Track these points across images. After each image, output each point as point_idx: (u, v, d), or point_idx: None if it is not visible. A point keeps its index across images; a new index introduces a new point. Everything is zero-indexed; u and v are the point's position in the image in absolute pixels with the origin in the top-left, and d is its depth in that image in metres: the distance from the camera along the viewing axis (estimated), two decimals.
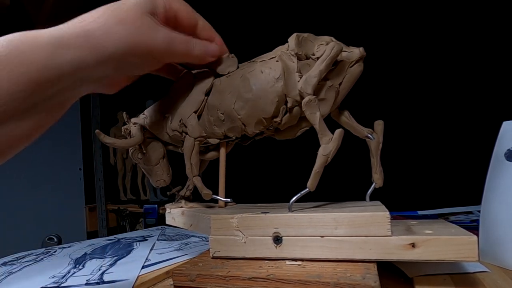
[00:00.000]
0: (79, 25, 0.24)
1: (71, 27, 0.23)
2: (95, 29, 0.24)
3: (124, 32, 0.25)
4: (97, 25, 0.24)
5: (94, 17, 0.24)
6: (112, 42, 0.24)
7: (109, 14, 0.24)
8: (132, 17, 0.25)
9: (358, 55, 0.29)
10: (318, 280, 0.22)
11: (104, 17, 0.24)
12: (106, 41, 0.24)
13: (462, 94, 0.75)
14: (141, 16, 0.26)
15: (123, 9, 0.25)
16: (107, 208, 1.56)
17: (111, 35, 0.24)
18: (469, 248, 0.23)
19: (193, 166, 0.36)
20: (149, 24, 0.26)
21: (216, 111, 0.33)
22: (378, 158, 0.31)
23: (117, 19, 0.24)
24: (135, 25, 0.25)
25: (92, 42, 0.23)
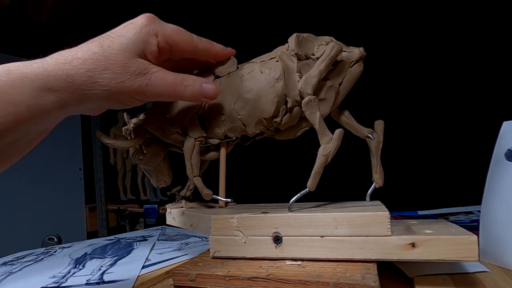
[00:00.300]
0: (64, 68, 0.23)
1: (57, 69, 0.23)
2: (80, 74, 0.23)
3: (110, 79, 0.24)
4: (83, 71, 0.23)
5: (81, 61, 0.23)
6: (97, 89, 0.24)
7: (97, 59, 0.24)
8: (120, 64, 0.24)
9: (358, 55, 0.29)
10: (318, 280, 0.22)
11: (90, 62, 0.23)
12: (91, 87, 0.24)
13: (462, 94, 0.75)
14: (130, 61, 0.24)
15: (112, 54, 0.24)
16: (107, 208, 1.56)
17: (96, 83, 0.24)
18: (469, 248, 0.23)
19: (194, 166, 0.36)
20: (137, 69, 0.25)
21: (216, 112, 0.33)
22: (378, 158, 0.31)
23: (104, 66, 0.24)
24: (123, 71, 0.24)
25: (76, 87, 0.23)
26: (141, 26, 0.26)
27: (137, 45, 0.25)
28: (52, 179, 1.46)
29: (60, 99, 0.23)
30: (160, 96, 0.27)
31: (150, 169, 0.39)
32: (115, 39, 0.25)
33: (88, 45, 0.24)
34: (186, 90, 0.27)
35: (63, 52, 0.24)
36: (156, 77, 0.25)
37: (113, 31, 0.26)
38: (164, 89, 0.26)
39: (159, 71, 0.26)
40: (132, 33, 0.25)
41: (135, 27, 0.26)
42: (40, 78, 0.22)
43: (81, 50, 0.24)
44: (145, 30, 0.26)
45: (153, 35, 0.26)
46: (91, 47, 0.24)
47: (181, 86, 0.27)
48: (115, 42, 0.25)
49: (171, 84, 0.26)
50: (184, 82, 0.27)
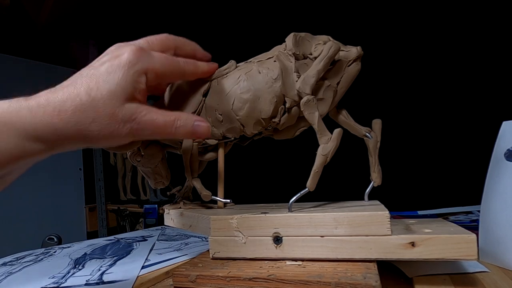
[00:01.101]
0: (52, 121, 0.22)
1: (45, 121, 0.22)
2: (69, 128, 0.22)
3: (98, 130, 0.23)
4: (71, 124, 0.22)
5: (69, 113, 0.22)
6: (85, 138, 0.23)
7: (85, 110, 0.22)
8: (108, 114, 0.23)
9: (356, 54, 0.29)
10: (319, 280, 0.22)
11: (78, 115, 0.22)
12: (79, 137, 0.23)
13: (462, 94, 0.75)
14: (118, 108, 0.23)
15: (99, 104, 0.23)
16: (107, 208, 1.56)
17: (85, 133, 0.23)
18: (468, 247, 0.23)
19: (192, 167, 0.36)
20: (126, 116, 0.24)
21: (214, 112, 0.33)
22: (376, 157, 0.31)
23: (92, 118, 0.23)
24: (111, 121, 0.23)
25: (64, 138, 0.23)
26: (129, 65, 0.24)
27: (125, 88, 0.24)
28: (52, 179, 1.46)
29: (46, 146, 0.23)
30: (151, 137, 0.26)
31: (148, 170, 0.39)
32: (102, 87, 0.23)
33: (75, 91, 0.23)
34: (177, 131, 0.26)
35: (52, 96, 0.23)
36: (146, 121, 0.24)
37: (101, 71, 0.24)
38: (154, 131, 0.25)
39: (148, 114, 0.24)
40: (120, 76, 0.24)
41: (123, 67, 0.24)
42: (27, 128, 0.22)
43: (70, 98, 0.23)
44: (134, 70, 0.24)
45: (142, 74, 0.25)
46: (79, 96, 0.23)
47: (172, 128, 0.25)
48: (103, 89, 0.23)
49: (161, 126, 0.25)
50: (175, 124, 0.26)
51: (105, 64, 0.24)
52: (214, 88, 0.33)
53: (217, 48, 0.32)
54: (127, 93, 0.24)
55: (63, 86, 0.24)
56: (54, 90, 0.23)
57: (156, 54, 0.26)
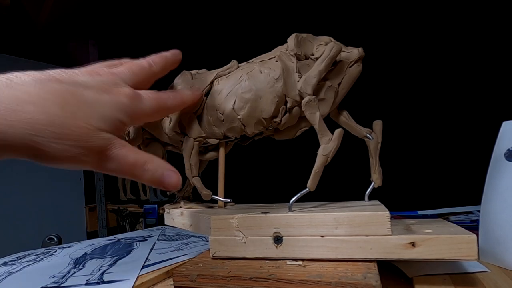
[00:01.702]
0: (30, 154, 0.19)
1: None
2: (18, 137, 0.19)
3: (56, 150, 0.20)
4: (24, 133, 0.19)
5: (26, 119, 0.19)
6: (32, 154, 0.20)
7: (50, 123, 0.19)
8: (78, 136, 0.20)
9: (357, 55, 0.29)
10: (320, 280, 0.23)
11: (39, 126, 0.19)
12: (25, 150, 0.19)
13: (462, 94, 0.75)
14: (91, 136, 0.21)
15: (72, 122, 0.20)
16: (107, 208, 1.56)
17: (35, 149, 0.19)
18: (469, 247, 0.23)
19: (193, 167, 0.36)
20: (97, 146, 0.21)
21: (215, 112, 0.33)
22: (377, 158, 0.31)
23: (56, 135, 0.19)
24: (79, 145, 0.20)
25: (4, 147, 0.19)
26: (119, 108, 0.23)
27: (106, 123, 0.22)
28: (52, 179, 1.46)
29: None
30: (115, 172, 0.24)
31: None
32: (81, 108, 0.21)
33: (44, 95, 0.19)
34: (144, 174, 0.24)
35: (4, 93, 0.19)
36: (117, 155, 0.22)
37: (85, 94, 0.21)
38: (122, 168, 0.23)
39: (121, 149, 0.23)
40: (105, 112, 0.22)
41: (112, 107, 0.22)
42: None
43: (32, 103, 0.19)
44: (122, 112, 0.23)
45: (128, 117, 0.23)
46: (48, 104, 0.19)
47: (140, 169, 0.23)
48: (81, 112, 0.21)
49: (130, 164, 0.23)
50: (144, 166, 0.23)
51: (91, 90, 0.22)
52: (215, 87, 0.33)
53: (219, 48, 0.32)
54: (107, 126, 0.22)
55: (25, 82, 0.20)
56: (11, 84, 0.19)
57: (147, 100, 0.25)
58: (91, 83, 0.22)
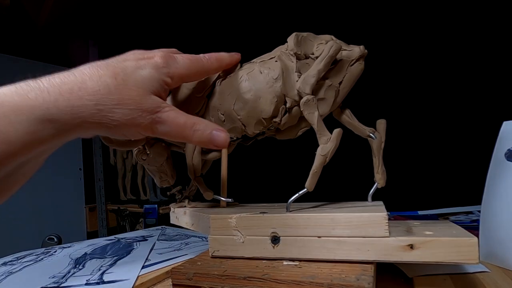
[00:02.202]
0: (70, 99, 0.21)
1: (61, 99, 0.21)
2: (89, 107, 0.21)
3: (121, 115, 0.23)
4: (93, 103, 0.22)
5: (91, 91, 0.22)
6: (104, 122, 0.22)
7: (109, 92, 0.22)
8: (134, 100, 0.23)
9: (358, 54, 0.29)
10: (312, 281, 0.22)
11: (102, 95, 0.22)
12: (98, 120, 0.22)
13: (462, 94, 0.75)
14: (144, 98, 0.24)
15: (126, 89, 0.23)
16: (107, 208, 1.56)
17: (105, 116, 0.22)
18: (470, 250, 0.22)
19: (195, 167, 0.36)
20: (150, 107, 0.24)
21: (216, 112, 0.33)
22: (380, 158, 0.31)
23: (117, 100, 0.22)
24: (136, 107, 0.23)
25: (81, 120, 0.22)
26: (157, 67, 0.25)
27: (151, 84, 0.24)
28: (52, 179, 1.46)
29: (60, 130, 0.21)
30: (168, 135, 0.26)
31: (154, 169, 0.39)
32: (129, 75, 0.24)
33: (98, 72, 0.23)
34: (194, 134, 0.26)
35: (67, 77, 0.22)
36: (168, 117, 0.25)
37: (127, 64, 0.24)
38: (173, 129, 0.25)
39: (171, 111, 0.25)
40: (147, 73, 0.24)
41: (151, 67, 0.25)
42: (38, 109, 0.20)
43: (91, 79, 0.22)
44: (160, 72, 0.25)
45: (168, 77, 0.26)
46: (103, 77, 0.23)
47: (190, 130, 0.26)
48: (130, 78, 0.24)
49: (181, 125, 0.25)
50: (194, 126, 0.26)
51: (130, 61, 0.25)
52: (217, 88, 0.33)
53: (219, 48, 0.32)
54: (154, 88, 0.25)
55: (80, 69, 0.23)
56: (69, 73, 0.23)
57: (181, 59, 0.27)
58: (128, 57, 0.25)
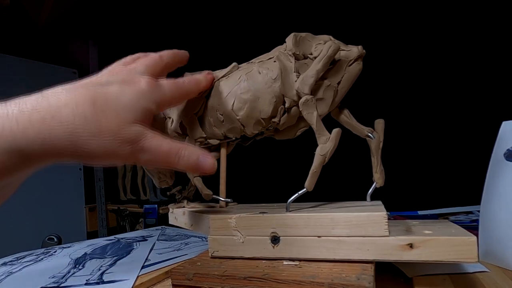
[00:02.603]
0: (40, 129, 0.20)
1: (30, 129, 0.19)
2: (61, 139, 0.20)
3: (97, 146, 0.21)
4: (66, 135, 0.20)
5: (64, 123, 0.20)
6: (79, 153, 0.21)
7: (84, 123, 0.21)
8: (112, 131, 0.21)
9: (357, 54, 0.29)
10: (312, 280, 0.22)
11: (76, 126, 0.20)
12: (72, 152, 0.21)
13: (462, 94, 0.75)
14: (123, 128, 0.22)
15: (103, 119, 0.21)
16: (107, 208, 1.56)
17: (79, 148, 0.21)
18: (469, 249, 0.22)
19: None
20: (130, 137, 0.22)
21: (215, 112, 0.33)
22: (378, 158, 0.31)
23: (92, 132, 0.21)
24: (114, 138, 0.22)
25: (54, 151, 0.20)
26: (142, 94, 0.24)
27: (133, 113, 0.23)
28: (52, 179, 1.46)
29: (30, 160, 0.20)
30: (152, 163, 0.25)
31: (152, 170, 0.39)
32: (110, 102, 0.22)
33: (75, 98, 0.21)
34: (180, 161, 0.25)
35: (40, 103, 0.20)
36: (150, 145, 0.23)
37: (109, 90, 0.22)
38: (157, 157, 0.24)
39: (153, 138, 0.23)
40: (130, 100, 0.23)
41: (135, 94, 0.23)
42: (4, 139, 0.19)
43: (66, 106, 0.20)
44: (145, 99, 0.24)
45: (153, 103, 0.24)
46: (80, 105, 0.21)
47: (175, 157, 0.24)
48: (110, 106, 0.22)
49: (165, 153, 0.24)
50: (179, 153, 0.24)
51: (113, 85, 0.23)
52: (215, 88, 0.33)
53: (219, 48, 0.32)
54: (136, 116, 0.23)
55: (57, 93, 0.21)
56: (44, 97, 0.21)
57: (166, 85, 0.26)
58: (111, 80, 0.24)
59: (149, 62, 0.27)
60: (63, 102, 0.21)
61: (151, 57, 0.28)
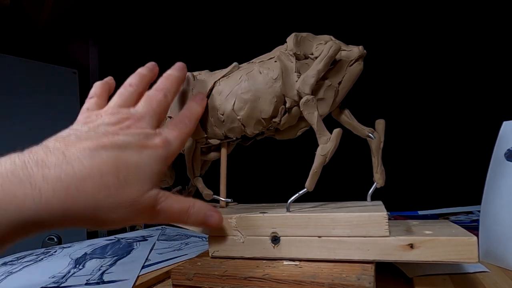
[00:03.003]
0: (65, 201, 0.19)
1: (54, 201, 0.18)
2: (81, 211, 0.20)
3: (116, 216, 0.21)
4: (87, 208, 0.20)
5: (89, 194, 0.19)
6: (92, 223, 0.21)
7: (108, 195, 0.20)
8: (131, 201, 0.21)
9: (358, 54, 0.29)
10: (313, 281, 0.22)
11: (100, 199, 0.20)
12: (86, 221, 0.20)
13: (462, 94, 0.75)
14: (142, 196, 0.22)
15: (126, 189, 0.21)
16: None
17: (99, 218, 0.21)
18: (469, 249, 0.22)
19: (194, 167, 0.36)
20: (148, 204, 0.23)
21: (216, 112, 0.33)
22: (379, 158, 0.31)
23: (113, 204, 0.20)
24: (133, 208, 0.22)
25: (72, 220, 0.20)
26: (159, 159, 0.24)
27: (152, 179, 0.23)
28: None
29: (45, 227, 0.19)
30: (164, 222, 0.26)
31: None
32: (131, 171, 0.21)
33: (99, 167, 0.20)
34: (189, 218, 0.26)
35: (64, 170, 0.19)
36: (163, 208, 0.24)
37: (129, 156, 0.22)
38: (169, 217, 0.25)
39: (166, 200, 0.24)
40: (150, 166, 0.23)
41: (154, 160, 0.23)
42: (26, 212, 0.18)
43: (91, 177, 0.20)
44: (162, 163, 0.24)
45: (166, 164, 0.24)
46: (105, 176, 0.20)
47: (185, 215, 0.25)
48: (132, 175, 0.21)
49: (175, 213, 0.25)
50: (188, 211, 0.25)
51: (132, 149, 0.22)
52: (216, 88, 0.33)
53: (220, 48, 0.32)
54: (153, 182, 0.23)
55: (79, 158, 0.20)
56: (65, 157, 0.20)
57: (173, 139, 0.25)
58: (128, 140, 0.23)
59: (156, 106, 0.26)
60: (88, 171, 0.20)
61: (157, 99, 0.27)
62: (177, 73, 0.30)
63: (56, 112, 1.26)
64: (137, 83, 0.28)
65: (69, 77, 1.40)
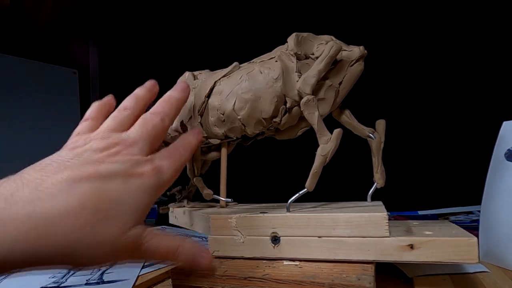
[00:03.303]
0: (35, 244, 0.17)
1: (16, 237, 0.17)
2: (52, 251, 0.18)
3: (91, 257, 0.19)
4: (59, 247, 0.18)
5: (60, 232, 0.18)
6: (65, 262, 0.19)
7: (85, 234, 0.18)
8: (111, 241, 0.20)
9: (358, 54, 0.29)
10: (313, 281, 0.22)
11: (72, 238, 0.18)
12: (58, 261, 0.19)
13: (462, 94, 0.75)
14: (124, 234, 0.20)
15: (107, 228, 0.19)
16: None
17: (69, 259, 0.19)
18: (469, 250, 0.22)
19: (194, 167, 0.36)
20: (131, 242, 0.21)
21: (216, 112, 0.33)
22: (379, 158, 0.31)
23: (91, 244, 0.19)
24: (110, 249, 0.20)
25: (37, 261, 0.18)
26: (146, 189, 0.21)
27: (136, 215, 0.21)
28: None
29: (10, 270, 0.18)
30: (150, 261, 0.25)
31: None
32: (114, 205, 0.20)
33: (74, 201, 0.18)
34: (179, 258, 0.23)
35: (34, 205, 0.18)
36: (150, 248, 0.22)
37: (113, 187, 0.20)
38: (155, 257, 0.23)
39: (152, 239, 0.22)
40: (135, 199, 0.21)
41: (140, 191, 0.21)
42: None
43: (66, 213, 0.18)
44: (149, 195, 0.22)
45: (154, 197, 0.22)
46: (85, 210, 0.18)
47: (174, 255, 0.23)
48: (113, 210, 0.20)
49: (163, 253, 0.23)
50: (178, 250, 0.23)
51: (117, 179, 0.20)
52: (217, 88, 0.33)
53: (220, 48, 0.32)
54: (138, 218, 0.21)
55: (51, 188, 0.18)
56: (38, 191, 0.18)
57: (165, 168, 0.23)
58: (113, 169, 0.21)
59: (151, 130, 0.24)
60: (62, 208, 0.18)
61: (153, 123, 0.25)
62: (178, 95, 0.27)
63: (56, 112, 1.26)
64: (133, 105, 0.26)
65: (69, 77, 1.40)
